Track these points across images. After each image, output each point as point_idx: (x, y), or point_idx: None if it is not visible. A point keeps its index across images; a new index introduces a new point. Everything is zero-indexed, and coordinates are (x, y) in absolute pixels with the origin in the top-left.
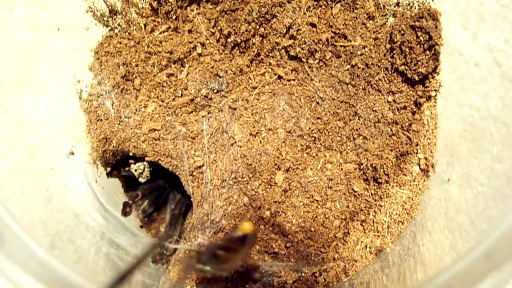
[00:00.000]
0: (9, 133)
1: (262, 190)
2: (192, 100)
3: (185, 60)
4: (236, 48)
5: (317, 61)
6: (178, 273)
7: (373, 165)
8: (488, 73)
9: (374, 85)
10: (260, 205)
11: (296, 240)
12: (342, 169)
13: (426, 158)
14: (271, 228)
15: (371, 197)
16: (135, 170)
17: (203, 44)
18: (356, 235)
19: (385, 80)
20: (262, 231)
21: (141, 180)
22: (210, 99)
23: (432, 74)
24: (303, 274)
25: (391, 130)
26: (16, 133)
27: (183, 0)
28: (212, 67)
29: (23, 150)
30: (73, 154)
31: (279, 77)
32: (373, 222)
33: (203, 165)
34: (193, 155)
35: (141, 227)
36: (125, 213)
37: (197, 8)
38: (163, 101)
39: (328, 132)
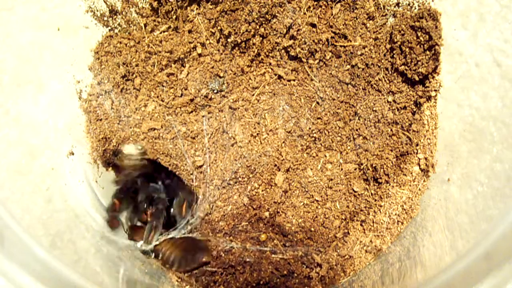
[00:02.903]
0: (9, 133)
1: (262, 191)
2: (192, 100)
3: (185, 60)
4: (236, 48)
5: (317, 61)
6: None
7: (373, 165)
8: (488, 73)
9: (374, 85)
10: (260, 205)
11: (295, 240)
12: (342, 169)
13: (426, 158)
14: (270, 228)
15: (371, 197)
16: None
17: (203, 44)
18: (356, 235)
19: (385, 80)
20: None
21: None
22: (210, 99)
23: (432, 74)
24: (295, 271)
25: (391, 130)
26: (16, 133)
27: (183, 0)
28: (212, 67)
29: (23, 150)
30: (73, 154)
31: (279, 77)
32: (373, 222)
33: (203, 165)
34: (193, 155)
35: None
36: (113, 228)
37: (197, 8)
38: (163, 101)
39: (328, 132)
